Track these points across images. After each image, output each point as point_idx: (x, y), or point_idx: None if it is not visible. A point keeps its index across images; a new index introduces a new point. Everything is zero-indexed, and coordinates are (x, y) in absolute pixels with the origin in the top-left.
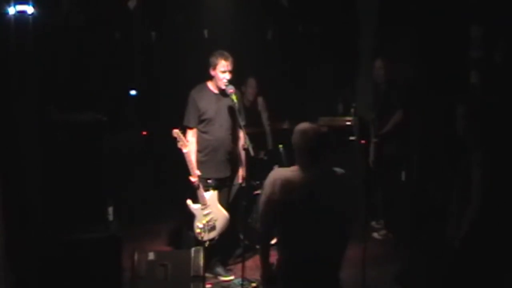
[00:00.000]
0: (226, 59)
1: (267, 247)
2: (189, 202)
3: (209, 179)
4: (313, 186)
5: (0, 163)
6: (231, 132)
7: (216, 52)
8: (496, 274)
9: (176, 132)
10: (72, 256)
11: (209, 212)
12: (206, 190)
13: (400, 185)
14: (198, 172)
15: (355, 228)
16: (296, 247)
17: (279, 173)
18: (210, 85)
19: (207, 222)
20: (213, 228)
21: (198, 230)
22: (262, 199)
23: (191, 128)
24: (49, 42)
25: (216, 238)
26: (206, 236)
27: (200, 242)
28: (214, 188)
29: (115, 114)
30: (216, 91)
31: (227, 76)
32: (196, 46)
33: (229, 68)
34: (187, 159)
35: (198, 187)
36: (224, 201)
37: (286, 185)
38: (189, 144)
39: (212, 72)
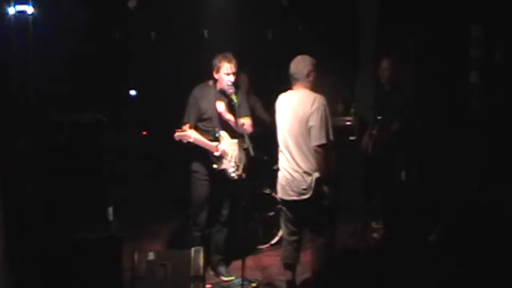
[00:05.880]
0: (229, 62)
1: None
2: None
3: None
4: (293, 99)
5: (0, 163)
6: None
7: (219, 54)
8: (496, 274)
9: (177, 135)
10: (72, 256)
11: (231, 155)
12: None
13: (400, 185)
14: (217, 144)
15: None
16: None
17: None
18: (212, 85)
19: (235, 163)
20: (241, 160)
21: (232, 173)
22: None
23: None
24: (49, 42)
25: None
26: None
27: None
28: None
29: (115, 114)
30: (218, 92)
31: (232, 78)
32: (196, 46)
33: (233, 70)
34: (199, 143)
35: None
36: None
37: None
38: (189, 133)
39: (216, 75)
